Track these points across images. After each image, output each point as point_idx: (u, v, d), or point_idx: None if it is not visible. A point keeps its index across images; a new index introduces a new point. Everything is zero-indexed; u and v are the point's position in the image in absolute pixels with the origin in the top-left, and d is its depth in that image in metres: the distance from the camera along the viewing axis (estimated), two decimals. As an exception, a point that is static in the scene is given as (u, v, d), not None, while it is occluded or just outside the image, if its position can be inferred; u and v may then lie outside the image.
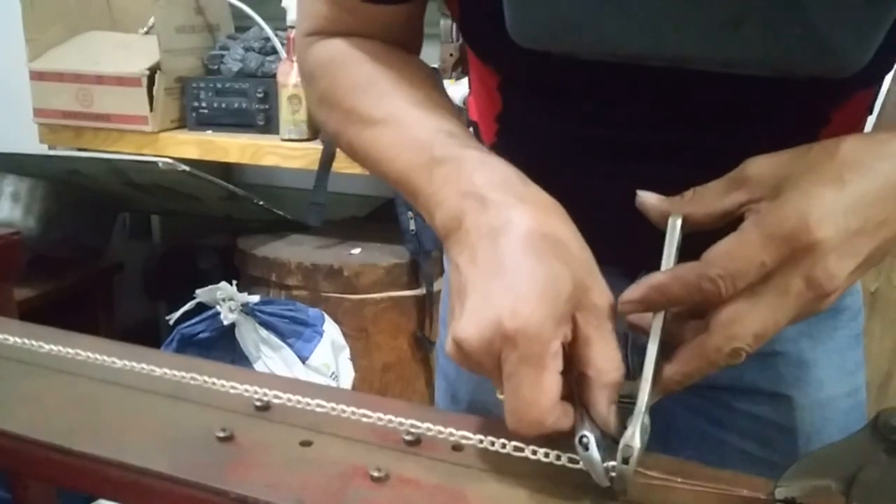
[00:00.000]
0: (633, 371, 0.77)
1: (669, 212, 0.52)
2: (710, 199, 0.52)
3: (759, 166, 0.51)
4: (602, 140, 0.65)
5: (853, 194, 0.47)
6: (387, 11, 0.67)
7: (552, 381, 0.47)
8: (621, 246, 0.55)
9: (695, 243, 0.50)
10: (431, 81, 0.67)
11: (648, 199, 0.53)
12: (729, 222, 0.51)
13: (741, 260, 0.47)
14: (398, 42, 0.70)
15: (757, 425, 0.75)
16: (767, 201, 0.49)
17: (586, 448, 0.46)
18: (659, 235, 0.52)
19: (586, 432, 0.47)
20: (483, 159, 0.56)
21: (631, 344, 0.76)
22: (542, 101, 0.67)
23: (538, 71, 0.64)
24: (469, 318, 0.48)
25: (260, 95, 1.92)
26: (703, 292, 0.48)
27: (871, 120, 0.72)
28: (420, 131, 0.59)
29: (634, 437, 0.46)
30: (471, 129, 0.83)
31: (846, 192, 0.47)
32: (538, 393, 0.46)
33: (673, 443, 0.79)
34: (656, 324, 0.49)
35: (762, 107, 0.62)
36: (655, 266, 0.50)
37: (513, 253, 0.49)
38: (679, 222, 0.50)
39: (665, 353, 0.50)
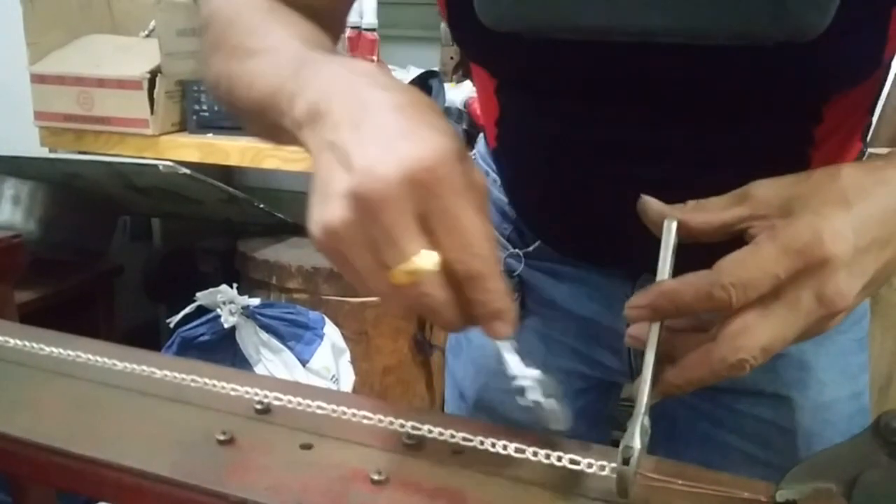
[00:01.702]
0: (634, 372, 0.78)
1: (666, 214, 0.52)
2: (710, 209, 0.52)
3: (764, 187, 0.51)
4: (597, 142, 0.65)
5: (860, 215, 0.48)
6: None
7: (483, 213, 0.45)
8: (622, 249, 0.55)
9: (694, 261, 0.50)
10: (319, 29, 0.65)
11: (649, 202, 0.53)
12: (726, 239, 0.51)
13: (755, 270, 0.47)
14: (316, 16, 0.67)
15: (758, 426, 0.75)
16: (779, 219, 0.49)
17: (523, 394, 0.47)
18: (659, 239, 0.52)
19: (526, 382, 0.47)
20: (352, 60, 0.53)
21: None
22: (536, 102, 0.67)
23: (528, 71, 0.64)
24: (370, 165, 0.43)
25: (261, 98, 1.92)
26: (714, 300, 0.47)
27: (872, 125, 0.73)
28: (296, 52, 0.57)
29: (634, 437, 0.46)
30: (480, 134, 0.83)
31: (853, 212, 0.48)
32: (483, 219, 0.45)
33: (675, 444, 0.79)
34: (654, 325, 0.50)
35: (754, 104, 0.62)
36: (655, 269, 0.50)
37: (400, 111, 0.46)
38: (674, 225, 0.50)
39: (669, 359, 0.50)
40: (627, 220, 0.53)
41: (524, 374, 0.47)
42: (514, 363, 0.48)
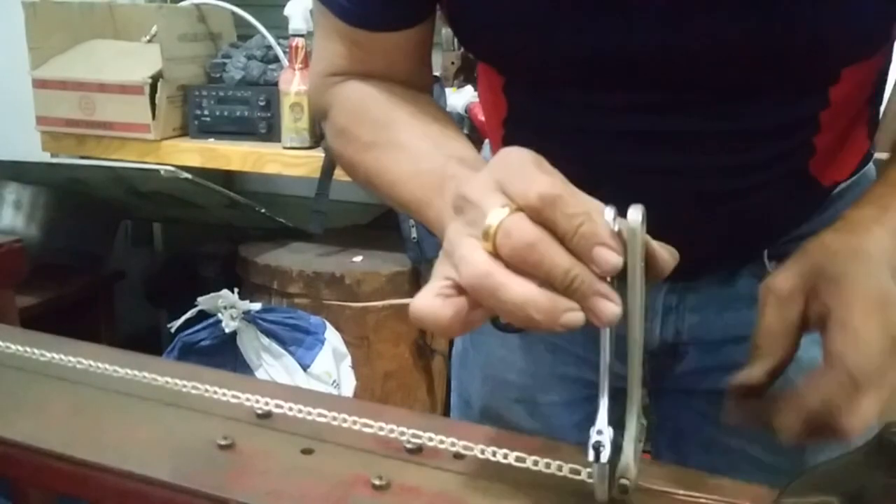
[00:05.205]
0: (647, 380, 0.77)
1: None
2: (773, 333, 0.54)
3: (784, 279, 0.55)
4: (609, 130, 0.66)
5: (877, 259, 0.54)
6: (395, 39, 0.70)
7: None
8: None
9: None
10: (444, 116, 0.69)
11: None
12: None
13: (863, 339, 0.50)
14: (409, 76, 0.72)
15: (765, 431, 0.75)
16: (832, 290, 0.53)
17: (598, 455, 0.44)
18: (672, 227, 0.52)
19: (604, 437, 0.44)
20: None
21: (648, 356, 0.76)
22: (545, 95, 0.68)
23: (537, 62, 0.65)
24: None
25: (262, 103, 1.92)
26: (847, 392, 0.50)
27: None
28: (435, 157, 0.61)
29: (629, 468, 0.45)
30: (486, 142, 0.84)
31: (872, 258, 0.54)
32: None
33: (682, 448, 0.79)
34: (634, 331, 0.47)
35: (765, 83, 0.63)
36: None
37: None
38: (640, 218, 0.44)
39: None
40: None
41: (606, 430, 0.45)
42: (602, 415, 0.45)
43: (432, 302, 0.46)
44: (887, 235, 0.57)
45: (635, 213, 0.44)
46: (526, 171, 0.46)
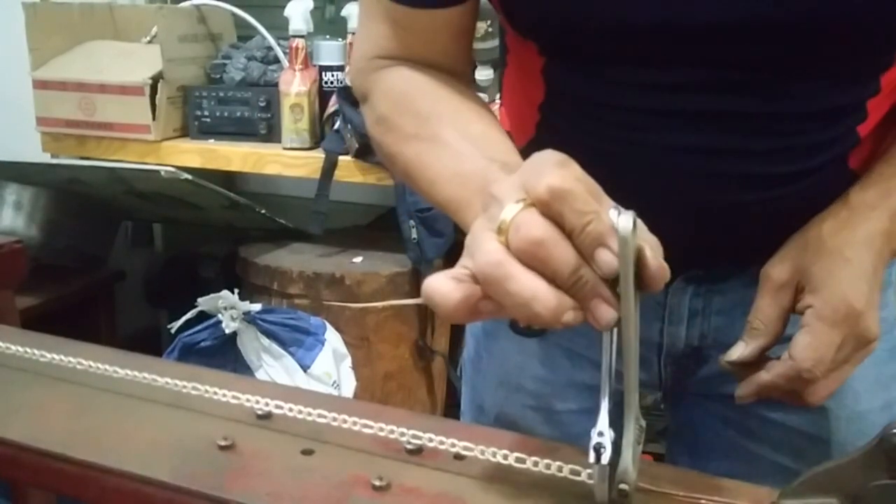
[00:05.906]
0: (664, 385, 0.77)
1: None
2: (768, 317, 0.62)
3: (777, 267, 0.63)
4: (653, 109, 0.64)
5: (859, 261, 0.61)
6: (439, 19, 0.69)
7: None
8: (672, 221, 0.53)
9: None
10: (488, 115, 0.69)
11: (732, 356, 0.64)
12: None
13: (822, 349, 0.60)
14: (452, 61, 0.72)
15: (790, 436, 0.74)
16: (811, 295, 0.61)
17: (598, 457, 0.45)
18: (707, 212, 0.51)
19: (605, 439, 0.45)
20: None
21: (665, 353, 0.75)
22: (590, 72, 0.66)
23: (583, 39, 0.64)
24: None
25: (262, 104, 1.92)
26: (804, 380, 0.60)
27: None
28: (478, 160, 0.61)
29: (627, 472, 0.45)
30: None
31: (854, 263, 0.61)
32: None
33: (702, 454, 0.78)
34: (629, 337, 0.46)
35: (817, 63, 0.61)
36: (705, 245, 0.50)
37: None
38: (630, 225, 0.43)
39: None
40: (671, 194, 0.52)
41: (607, 432, 0.45)
42: (603, 417, 0.46)
43: (445, 283, 0.47)
44: (886, 219, 0.63)
45: (626, 221, 0.43)
46: (544, 167, 0.46)
